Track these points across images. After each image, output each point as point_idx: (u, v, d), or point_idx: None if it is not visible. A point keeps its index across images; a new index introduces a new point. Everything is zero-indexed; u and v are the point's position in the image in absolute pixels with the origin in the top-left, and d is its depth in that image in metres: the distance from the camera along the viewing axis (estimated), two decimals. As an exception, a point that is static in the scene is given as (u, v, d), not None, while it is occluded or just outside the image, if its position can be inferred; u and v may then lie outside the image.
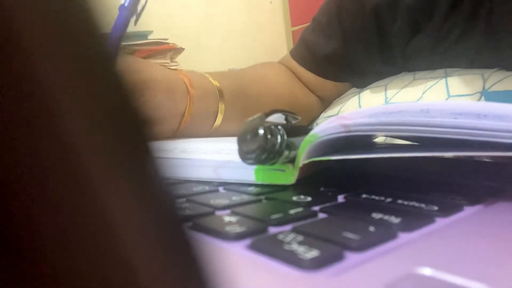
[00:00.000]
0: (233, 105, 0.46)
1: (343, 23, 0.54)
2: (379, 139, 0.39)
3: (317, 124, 0.54)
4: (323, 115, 0.55)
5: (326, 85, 0.58)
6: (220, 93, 0.45)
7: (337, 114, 0.53)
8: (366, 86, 0.54)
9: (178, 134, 0.42)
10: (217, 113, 0.44)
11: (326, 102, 0.58)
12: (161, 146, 0.08)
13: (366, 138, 0.27)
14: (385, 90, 0.50)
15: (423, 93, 0.46)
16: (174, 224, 0.08)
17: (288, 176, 0.24)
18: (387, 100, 0.49)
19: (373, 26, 0.52)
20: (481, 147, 0.19)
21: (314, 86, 0.58)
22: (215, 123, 0.45)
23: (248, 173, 0.25)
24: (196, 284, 0.08)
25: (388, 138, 0.39)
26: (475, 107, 0.19)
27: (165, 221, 0.08)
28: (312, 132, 0.22)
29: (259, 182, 0.25)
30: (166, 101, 0.40)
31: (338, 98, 0.56)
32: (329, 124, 0.21)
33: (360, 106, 0.52)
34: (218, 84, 0.45)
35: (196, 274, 0.08)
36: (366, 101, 0.52)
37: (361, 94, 0.53)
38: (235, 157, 0.26)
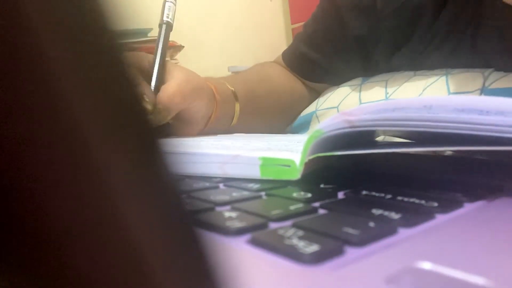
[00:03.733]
0: (245, 106, 0.52)
1: (327, 37, 0.58)
2: (379, 139, 0.39)
3: (317, 116, 0.55)
4: (322, 105, 0.56)
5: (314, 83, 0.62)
6: (235, 97, 0.51)
7: (337, 106, 0.54)
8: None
9: (200, 133, 0.48)
10: (234, 114, 0.51)
11: (317, 93, 0.62)
12: (168, 141, 0.08)
13: (367, 136, 0.27)
14: (386, 86, 0.51)
15: (423, 90, 0.46)
16: (182, 220, 0.08)
17: (293, 172, 0.24)
18: (388, 95, 0.49)
19: (355, 47, 0.55)
20: (483, 142, 0.19)
21: (304, 81, 0.63)
22: (232, 122, 0.51)
23: (254, 169, 0.25)
24: (202, 279, 0.08)
25: (387, 137, 0.39)
26: (477, 103, 0.19)
27: (173, 216, 0.08)
28: (317, 128, 0.22)
29: (265, 178, 0.25)
30: (205, 107, 0.46)
31: (337, 89, 0.57)
32: (333, 120, 0.22)
33: (360, 101, 0.52)
34: (232, 88, 0.51)
35: (202, 269, 0.08)
36: (367, 96, 0.52)
37: (362, 88, 0.53)
38: (241, 152, 0.26)
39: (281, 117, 0.59)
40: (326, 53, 0.58)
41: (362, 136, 0.24)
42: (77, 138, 0.07)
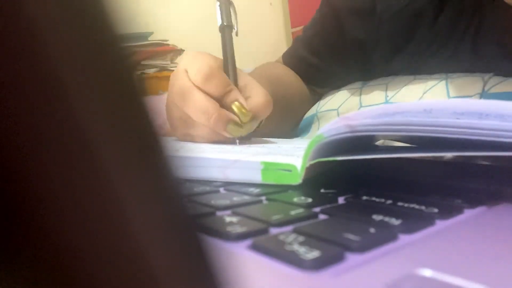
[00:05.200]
0: None
1: (325, 41, 0.57)
2: (379, 143, 0.39)
3: (318, 118, 0.55)
4: (323, 108, 0.56)
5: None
6: None
7: (337, 109, 0.54)
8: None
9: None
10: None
11: (318, 95, 0.62)
12: (170, 145, 0.08)
13: (368, 141, 0.27)
14: (386, 89, 0.51)
15: (423, 94, 0.46)
16: (185, 225, 0.08)
17: (295, 176, 0.24)
18: (388, 99, 0.50)
19: (353, 51, 0.55)
20: (483, 147, 0.19)
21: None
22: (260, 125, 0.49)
23: (255, 174, 0.26)
24: (203, 284, 0.08)
25: (387, 141, 0.39)
26: (477, 106, 0.19)
27: (176, 221, 0.08)
28: (318, 133, 0.22)
29: (266, 182, 0.25)
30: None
31: (338, 93, 0.57)
32: (334, 124, 0.22)
33: (360, 104, 0.52)
34: None
35: (203, 274, 0.08)
36: (367, 99, 0.52)
37: (362, 92, 0.54)
38: (242, 157, 0.26)
39: (293, 118, 0.58)
40: (324, 57, 0.58)
41: (362, 141, 0.25)
42: (81, 141, 0.07)
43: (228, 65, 0.42)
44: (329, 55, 0.57)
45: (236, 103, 0.39)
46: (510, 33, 0.43)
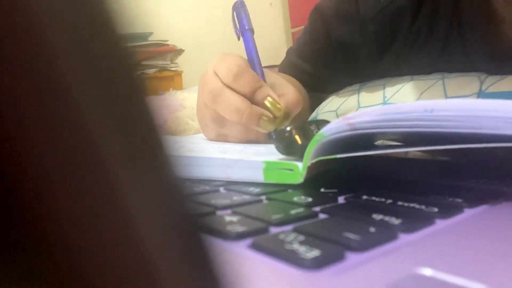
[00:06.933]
0: None
1: (314, 46, 0.58)
2: (378, 143, 0.39)
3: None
4: (322, 110, 0.56)
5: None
6: None
7: (335, 110, 0.54)
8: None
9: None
10: None
11: (317, 99, 0.63)
12: (171, 144, 0.08)
13: (367, 142, 0.27)
14: (384, 90, 0.51)
15: (421, 94, 0.46)
16: (187, 223, 0.08)
17: (296, 176, 0.24)
18: (385, 99, 0.50)
19: (340, 53, 0.56)
20: (483, 141, 0.19)
21: None
22: None
23: (257, 173, 0.26)
24: (204, 282, 0.08)
25: (386, 142, 0.40)
26: (477, 106, 0.19)
27: (178, 219, 0.08)
28: (319, 132, 0.22)
29: (268, 182, 0.25)
30: None
31: (336, 95, 0.57)
32: (335, 123, 0.22)
33: (359, 104, 0.52)
34: None
35: (204, 274, 0.08)
36: (365, 99, 0.52)
37: (360, 92, 0.54)
38: (243, 156, 0.26)
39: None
40: (314, 62, 0.59)
41: (362, 141, 0.25)
42: (84, 141, 0.07)
43: (254, 64, 0.43)
44: (319, 61, 0.58)
45: (269, 98, 0.40)
46: (490, 31, 0.43)
